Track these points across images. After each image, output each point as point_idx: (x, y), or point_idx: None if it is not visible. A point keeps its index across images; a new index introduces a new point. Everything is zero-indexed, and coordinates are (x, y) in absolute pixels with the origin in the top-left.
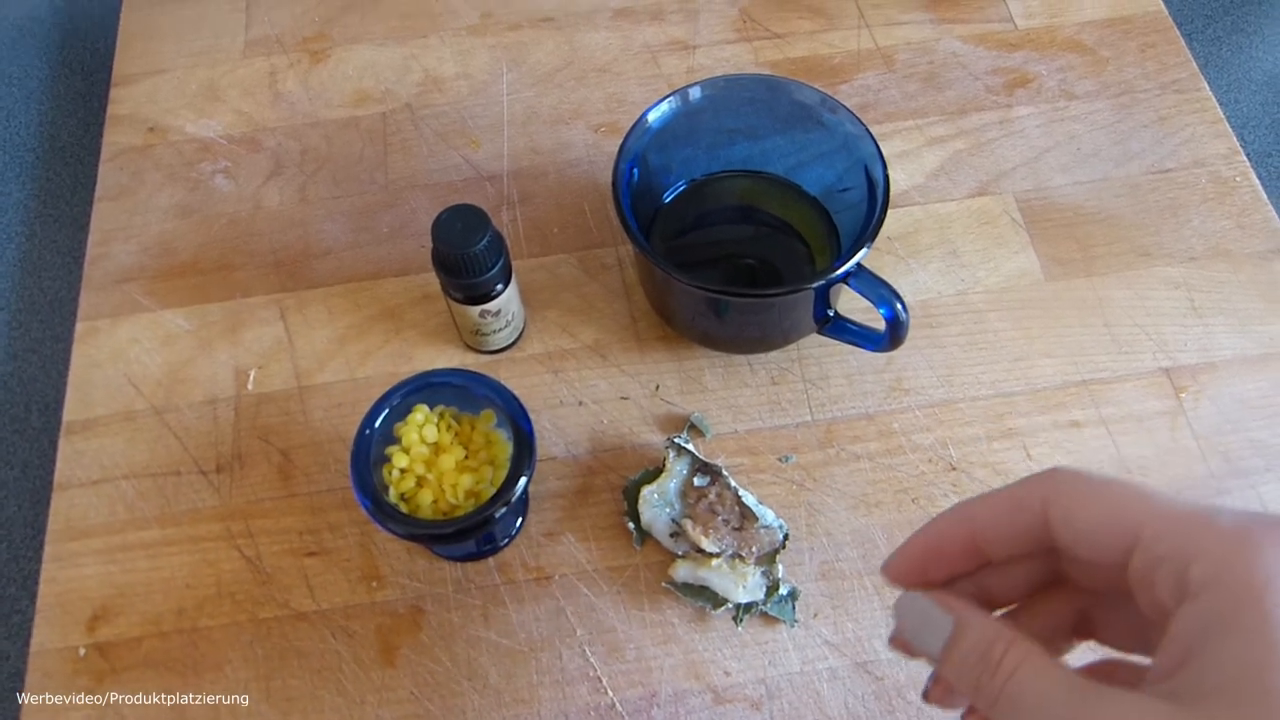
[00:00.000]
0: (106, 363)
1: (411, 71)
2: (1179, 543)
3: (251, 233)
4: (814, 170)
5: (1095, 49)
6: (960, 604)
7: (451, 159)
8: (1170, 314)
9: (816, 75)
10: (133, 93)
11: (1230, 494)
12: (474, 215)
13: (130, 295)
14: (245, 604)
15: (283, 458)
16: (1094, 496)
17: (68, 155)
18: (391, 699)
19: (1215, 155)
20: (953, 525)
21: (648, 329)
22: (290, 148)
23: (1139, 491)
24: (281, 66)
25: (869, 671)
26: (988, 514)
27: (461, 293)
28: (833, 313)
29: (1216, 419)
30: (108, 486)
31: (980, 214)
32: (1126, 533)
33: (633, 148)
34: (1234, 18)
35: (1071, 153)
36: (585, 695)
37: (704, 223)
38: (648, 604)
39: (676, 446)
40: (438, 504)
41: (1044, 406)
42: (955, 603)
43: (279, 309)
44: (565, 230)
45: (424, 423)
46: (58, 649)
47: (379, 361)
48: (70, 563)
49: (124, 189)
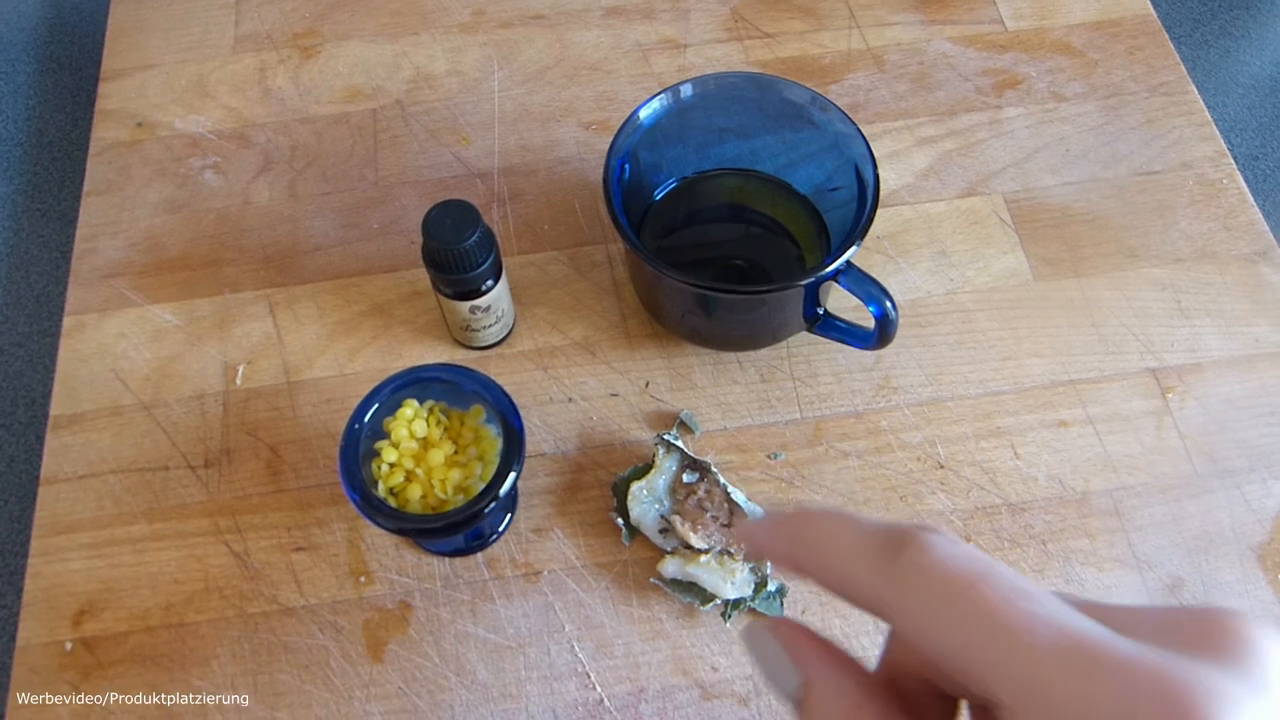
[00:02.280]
0: (94, 357)
1: (402, 68)
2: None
3: (241, 228)
4: (804, 169)
5: (1084, 51)
6: (811, 654)
7: (442, 156)
8: (1157, 315)
9: (807, 75)
10: (121, 88)
11: (1214, 493)
12: (464, 211)
13: (118, 290)
14: (233, 599)
15: (271, 453)
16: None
17: (55, 150)
18: (379, 694)
19: (1202, 157)
20: (785, 548)
21: (637, 326)
22: (280, 144)
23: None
24: (271, 62)
25: None
26: (820, 571)
27: (451, 288)
28: (822, 311)
29: (1202, 419)
30: (95, 481)
31: (969, 214)
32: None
33: (624, 145)
34: (1222, 21)
35: (1060, 154)
36: (573, 691)
37: (694, 220)
38: (636, 600)
39: (666, 443)
40: (426, 499)
41: (1031, 405)
42: (806, 650)
43: (268, 304)
44: (556, 227)
45: (413, 418)
46: (44, 644)
47: (368, 357)
48: (56, 558)
49: (112, 184)
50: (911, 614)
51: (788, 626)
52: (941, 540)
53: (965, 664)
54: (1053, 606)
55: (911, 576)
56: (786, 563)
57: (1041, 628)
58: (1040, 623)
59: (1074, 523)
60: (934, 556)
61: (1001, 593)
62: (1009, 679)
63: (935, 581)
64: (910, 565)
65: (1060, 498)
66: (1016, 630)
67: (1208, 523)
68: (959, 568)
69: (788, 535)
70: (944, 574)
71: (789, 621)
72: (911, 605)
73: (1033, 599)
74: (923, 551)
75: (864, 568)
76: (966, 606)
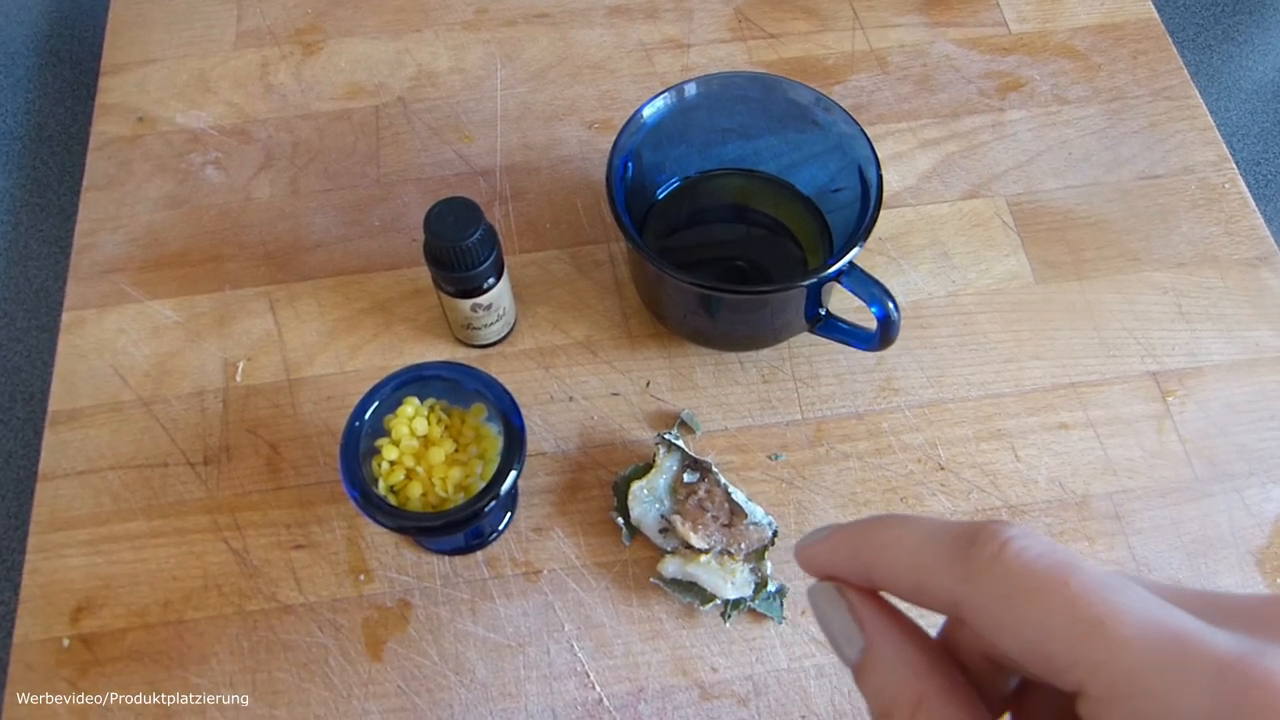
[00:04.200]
0: (93, 353)
1: (405, 65)
2: (1143, 706)
3: (241, 224)
4: (807, 170)
5: (1088, 54)
6: (875, 618)
7: (444, 153)
8: (1158, 319)
9: (810, 76)
10: (122, 82)
11: (1214, 497)
12: (467, 208)
13: (118, 285)
14: (232, 597)
15: (271, 450)
16: (1014, 621)
17: (55, 144)
18: (378, 693)
19: (1205, 162)
20: (850, 561)
21: (639, 325)
22: (281, 140)
23: (1080, 612)
24: (273, 58)
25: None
26: (890, 576)
27: (453, 286)
28: (824, 311)
29: (1203, 423)
30: (93, 477)
31: (972, 216)
32: (1064, 675)
33: (627, 143)
34: (1225, 26)
35: (1063, 157)
36: (573, 690)
37: (697, 221)
38: (636, 600)
39: (666, 443)
40: (426, 497)
41: (1032, 408)
42: (870, 614)
43: (269, 301)
44: (558, 226)
45: (414, 416)
46: (41, 641)
47: (369, 355)
48: (54, 554)
49: (112, 179)
50: (991, 610)
51: (855, 589)
52: (1020, 534)
53: (1049, 657)
54: (1140, 597)
55: (990, 572)
56: (853, 574)
57: (1130, 619)
58: (1129, 614)
59: (1074, 525)
60: (1013, 551)
61: (1087, 585)
62: (1097, 673)
63: (1016, 576)
64: (988, 560)
65: (1060, 500)
66: (1105, 622)
67: (1207, 527)
68: (1040, 561)
69: (851, 545)
70: (1025, 568)
71: (855, 585)
72: (991, 601)
73: (1119, 590)
74: (1002, 546)
75: (938, 567)
76: (1051, 600)
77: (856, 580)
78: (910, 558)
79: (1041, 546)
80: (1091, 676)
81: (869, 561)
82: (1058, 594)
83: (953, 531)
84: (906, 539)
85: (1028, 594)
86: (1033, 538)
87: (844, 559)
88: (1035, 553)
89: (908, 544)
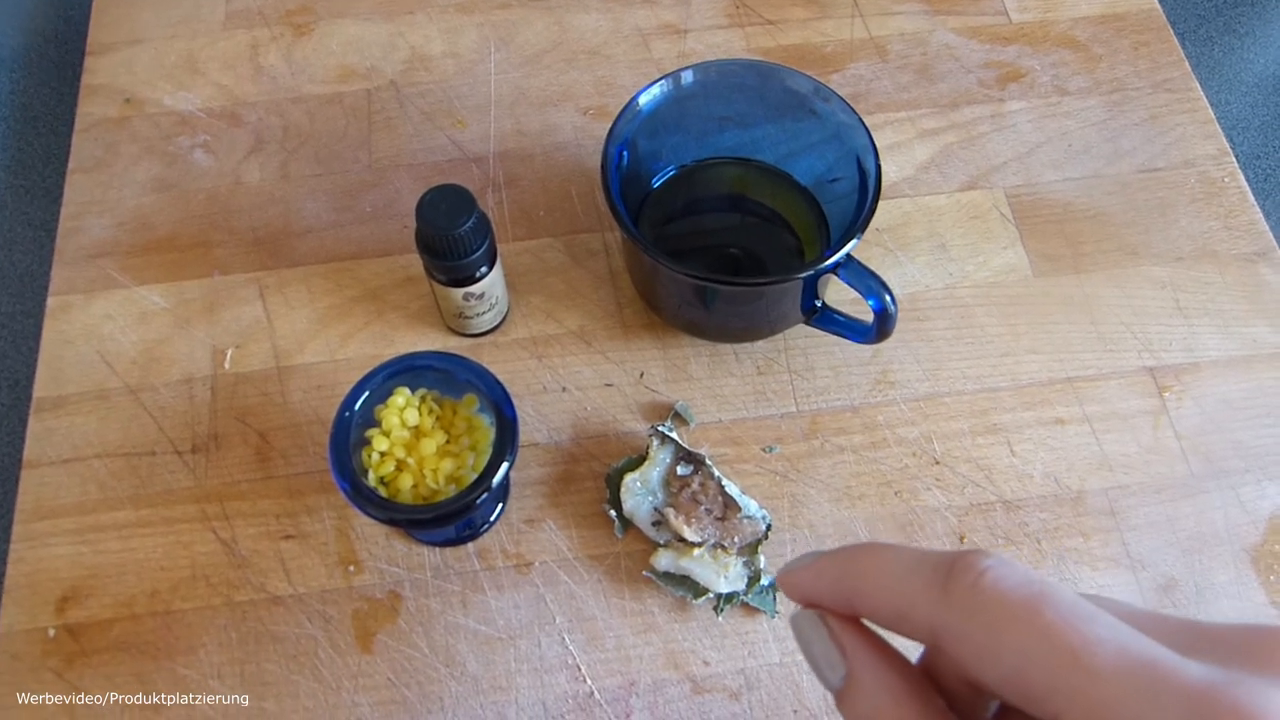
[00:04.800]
0: (79, 339)
1: (397, 48)
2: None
3: (231, 209)
4: (805, 160)
5: (1088, 45)
6: (857, 645)
7: (437, 139)
8: (1156, 313)
9: (809, 64)
10: (108, 63)
11: (1209, 493)
12: (459, 196)
13: (104, 271)
14: (220, 587)
15: (260, 439)
16: (990, 650)
17: (40, 126)
18: (368, 685)
19: (1205, 156)
20: (832, 588)
21: (633, 316)
22: (272, 123)
23: (1055, 641)
24: (264, 40)
25: None
26: (871, 605)
27: (445, 275)
28: (820, 303)
29: (1199, 419)
30: (79, 466)
31: (970, 208)
32: (1041, 703)
33: (623, 131)
34: (1226, 19)
35: (1063, 149)
36: (564, 683)
37: (693, 210)
38: (628, 593)
39: (660, 435)
40: (418, 488)
41: (1028, 403)
42: (852, 640)
43: (258, 288)
44: (552, 214)
45: (405, 406)
46: (26, 630)
47: (360, 343)
48: (40, 543)
49: (99, 161)
50: (969, 639)
51: (836, 615)
52: (996, 563)
53: (1026, 686)
54: (1114, 627)
55: (968, 601)
56: (835, 601)
57: (1104, 649)
58: (1102, 644)
59: (1069, 521)
60: (990, 580)
61: (1061, 614)
62: (1072, 702)
63: (992, 605)
64: (966, 589)
65: (1056, 496)
66: (1078, 652)
67: (1202, 523)
68: (1017, 590)
69: (834, 573)
70: (1001, 597)
71: (837, 612)
72: (969, 630)
73: (1093, 620)
74: (979, 575)
75: (918, 596)
76: (1026, 629)
77: (839, 607)
78: (891, 585)
79: (1018, 576)
80: (1067, 705)
81: (850, 589)
82: (1033, 623)
83: (932, 560)
84: (888, 567)
85: (1003, 623)
86: (1010, 566)
87: (827, 586)
88: (1011, 582)
89: (889, 572)
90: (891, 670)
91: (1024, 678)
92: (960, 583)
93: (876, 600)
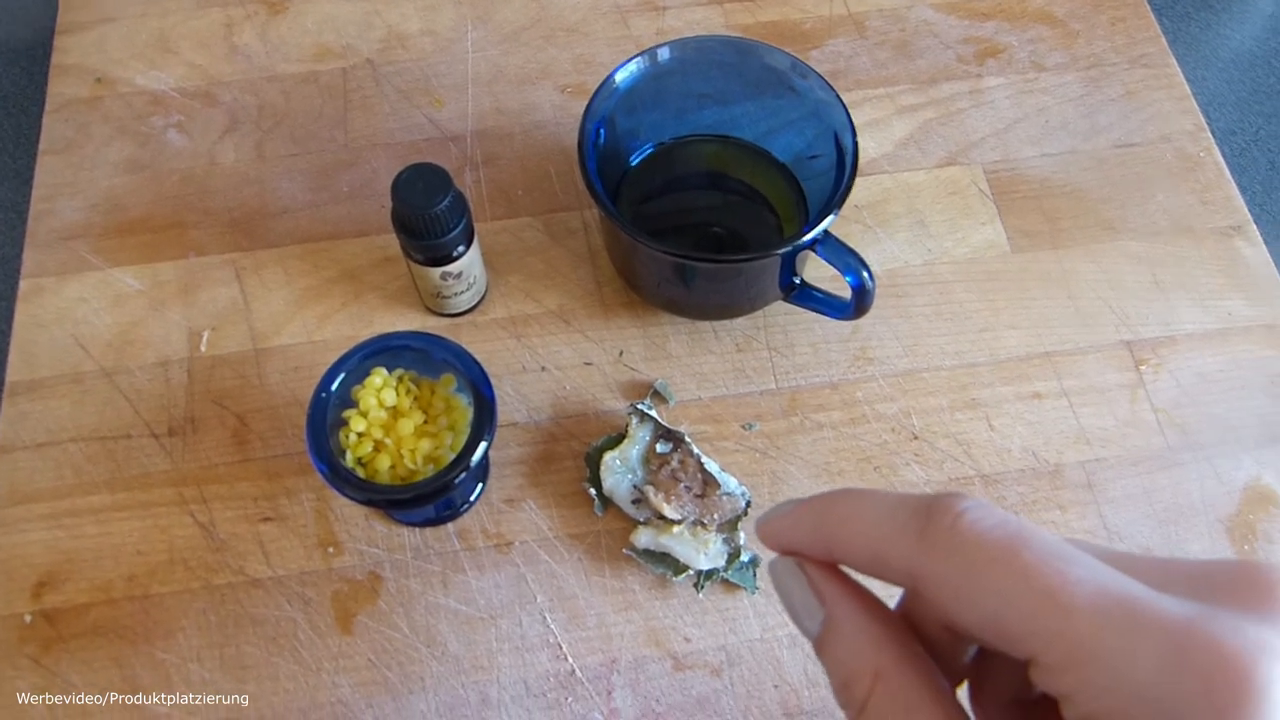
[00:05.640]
0: (52, 322)
1: (374, 27)
2: (1092, 677)
3: (206, 190)
4: (784, 137)
5: (1066, 21)
6: (835, 591)
7: (414, 118)
8: (1133, 288)
9: (787, 40)
10: (79, 41)
11: (1185, 465)
12: (435, 175)
13: (77, 253)
14: (198, 571)
15: (238, 421)
16: (968, 593)
17: (10, 106)
18: (349, 666)
19: (1181, 131)
20: (810, 536)
21: (612, 294)
22: (247, 103)
23: (1032, 582)
24: (238, 18)
25: None
26: (849, 550)
27: (422, 254)
28: (799, 280)
29: (1175, 392)
30: (54, 450)
31: (949, 184)
32: (1018, 644)
33: (600, 109)
34: None
35: (1040, 125)
36: (545, 662)
37: (672, 188)
38: (609, 571)
39: (640, 413)
40: (396, 469)
41: (1007, 377)
42: (829, 587)
43: (234, 269)
44: (530, 193)
45: (382, 386)
46: (2, 617)
47: (338, 324)
48: (14, 528)
49: (70, 142)
50: (947, 581)
51: (814, 562)
52: (974, 506)
53: (1003, 627)
54: (1091, 566)
55: (945, 543)
56: (813, 548)
57: (1081, 589)
58: (1080, 584)
59: (1046, 495)
60: (967, 522)
61: (1040, 555)
62: (1050, 640)
63: (970, 547)
64: (944, 532)
65: (1034, 470)
66: (1056, 592)
67: (1178, 495)
68: (994, 531)
69: (812, 520)
70: (978, 539)
71: (815, 559)
72: (946, 572)
73: (1072, 560)
74: (956, 518)
75: (896, 539)
76: (1003, 570)
77: (816, 554)
78: (868, 530)
79: (995, 518)
80: (1044, 645)
81: (828, 535)
82: (1010, 564)
83: (910, 504)
84: (865, 512)
85: (981, 565)
86: (986, 509)
87: (804, 533)
88: (989, 524)
89: (866, 517)
90: (870, 616)
91: (1002, 619)
92: (937, 525)
93: (854, 545)
